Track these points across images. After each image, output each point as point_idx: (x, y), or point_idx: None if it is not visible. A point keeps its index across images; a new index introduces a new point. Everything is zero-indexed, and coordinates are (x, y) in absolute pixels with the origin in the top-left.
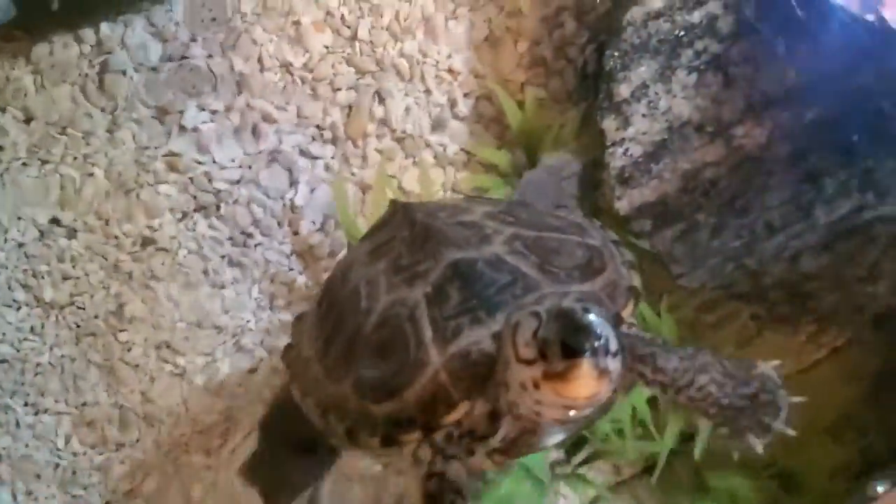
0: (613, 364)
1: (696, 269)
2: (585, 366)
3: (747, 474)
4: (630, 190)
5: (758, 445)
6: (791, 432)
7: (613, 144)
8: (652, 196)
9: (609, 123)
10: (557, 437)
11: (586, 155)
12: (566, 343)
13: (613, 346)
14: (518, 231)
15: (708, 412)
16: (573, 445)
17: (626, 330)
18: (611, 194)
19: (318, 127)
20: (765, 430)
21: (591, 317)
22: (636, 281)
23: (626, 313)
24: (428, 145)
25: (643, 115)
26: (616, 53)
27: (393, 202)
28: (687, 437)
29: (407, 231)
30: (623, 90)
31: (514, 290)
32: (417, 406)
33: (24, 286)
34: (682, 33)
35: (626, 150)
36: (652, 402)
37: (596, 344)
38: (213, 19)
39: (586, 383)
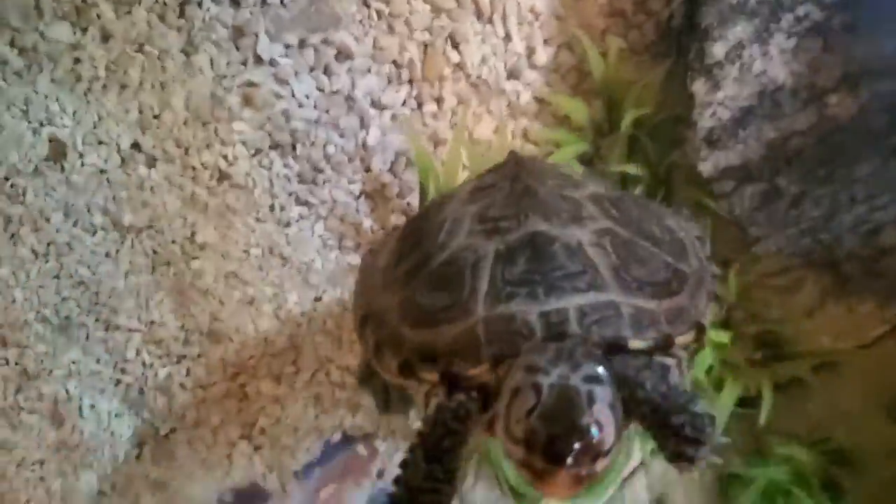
0: (601, 465)
1: (773, 235)
2: (562, 476)
3: (805, 445)
4: (716, 152)
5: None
6: (718, 460)
7: (702, 106)
8: (737, 160)
9: (699, 86)
10: None
11: (670, 111)
12: (550, 445)
13: (608, 443)
14: (613, 227)
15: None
16: None
17: (665, 360)
18: (695, 155)
19: (394, 63)
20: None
21: (594, 411)
22: (707, 319)
23: (682, 340)
24: (503, 92)
25: (735, 79)
26: (713, 10)
27: (511, 153)
28: (747, 403)
29: (508, 184)
30: (717, 50)
31: (577, 282)
32: (445, 348)
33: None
34: None
35: (714, 112)
36: None
37: (580, 450)
38: None
39: (558, 490)
